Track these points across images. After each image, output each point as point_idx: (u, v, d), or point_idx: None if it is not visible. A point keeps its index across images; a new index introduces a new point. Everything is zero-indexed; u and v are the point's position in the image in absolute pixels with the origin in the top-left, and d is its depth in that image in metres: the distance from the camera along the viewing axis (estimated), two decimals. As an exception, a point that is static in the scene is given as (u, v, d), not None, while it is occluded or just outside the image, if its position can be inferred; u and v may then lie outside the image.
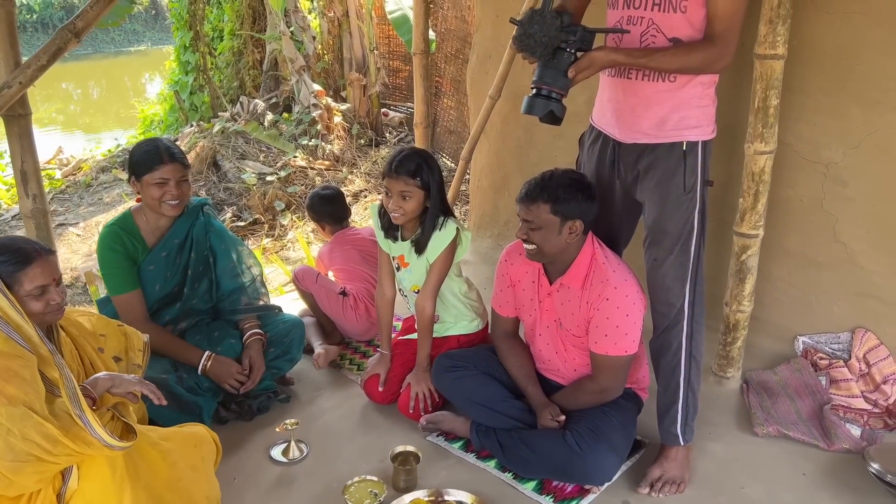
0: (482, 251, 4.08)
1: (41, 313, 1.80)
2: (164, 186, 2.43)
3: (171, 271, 2.58)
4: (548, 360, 2.37)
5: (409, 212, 2.47)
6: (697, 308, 2.18)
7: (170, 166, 2.42)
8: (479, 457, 2.37)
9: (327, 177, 6.05)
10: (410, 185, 2.42)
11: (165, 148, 2.46)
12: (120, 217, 2.55)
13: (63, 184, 6.22)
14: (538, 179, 2.11)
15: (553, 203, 2.07)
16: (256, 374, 2.57)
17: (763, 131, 2.42)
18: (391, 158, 2.46)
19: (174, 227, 2.56)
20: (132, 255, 2.51)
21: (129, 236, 2.50)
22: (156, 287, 2.57)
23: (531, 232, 2.12)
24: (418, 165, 2.41)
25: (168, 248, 2.56)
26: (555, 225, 2.09)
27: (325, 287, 3.07)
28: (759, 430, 2.46)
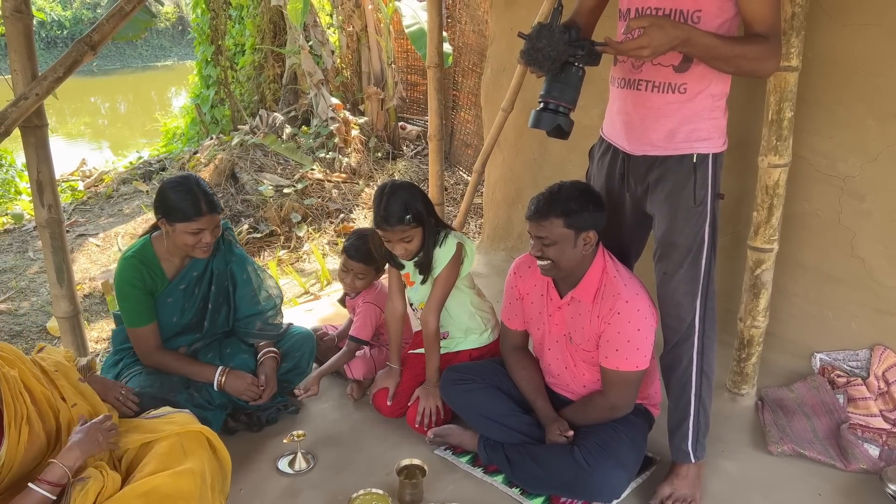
0: (495, 264, 4.07)
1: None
2: (198, 235, 2.38)
3: (188, 303, 2.55)
4: (557, 375, 2.34)
5: (416, 248, 2.49)
6: (708, 323, 2.15)
7: (208, 217, 2.36)
8: (486, 471, 2.35)
9: (344, 189, 6.08)
10: (407, 230, 2.42)
11: (204, 196, 2.37)
12: (139, 247, 2.48)
13: (85, 195, 6.31)
14: (546, 195, 2.09)
15: (566, 217, 2.05)
16: (268, 393, 2.56)
17: (777, 144, 2.39)
18: (377, 210, 2.42)
19: (193, 260, 2.51)
20: (150, 288, 2.46)
21: (148, 270, 2.45)
22: (173, 318, 2.54)
23: (545, 248, 2.09)
24: (405, 207, 2.39)
25: (187, 281, 2.52)
26: (570, 238, 2.07)
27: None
28: (773, 448, 2.41)
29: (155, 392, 2.34)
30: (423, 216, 2.44)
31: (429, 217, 2.47)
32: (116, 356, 2.60)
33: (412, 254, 2.51)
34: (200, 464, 1.94)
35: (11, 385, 1.78)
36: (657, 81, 1.99)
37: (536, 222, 2.08)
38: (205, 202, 2.37)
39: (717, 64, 1.88)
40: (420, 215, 2.43)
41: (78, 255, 5.03)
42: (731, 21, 1.91)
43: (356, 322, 2.88)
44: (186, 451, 1.94)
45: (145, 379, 2.42)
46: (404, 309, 2.74)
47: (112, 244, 5.23)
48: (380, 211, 2.42)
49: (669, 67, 1.95)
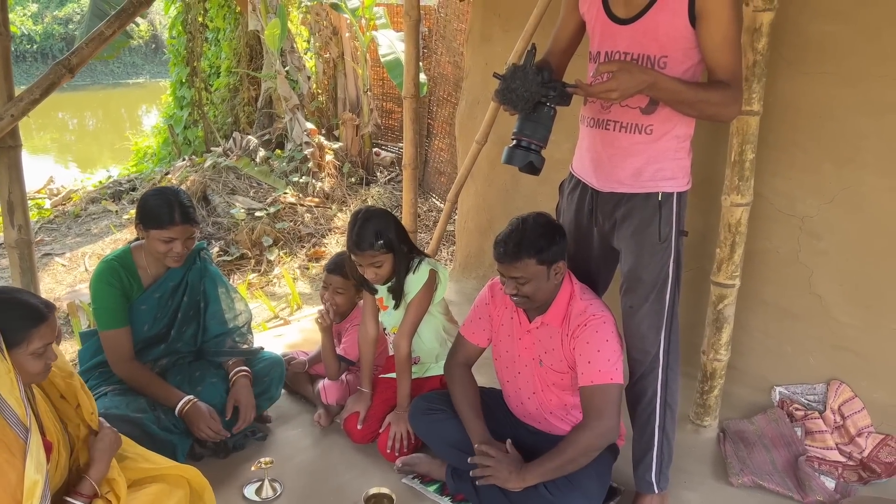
0: (467, 292, 4.11)
1: (37, 374, 1.71)
2: (170, 244, 2.43)
3: (161, 312, 2.58)
4: (524, 402, 2.37)
5: (386, 273, 2.54)
6: (672, 356, 2.21)
7: (180, 227, 2.42)
8: (454, 500, 2.36)
9: (316, 214, 6.10)
10: (377, 255, 2.48)
11: (179, 206, 2.42)
12: (119, 253, 2.54)
13: (52, 213, 6.23)
14: (514, 235, 2.10)
15: (538, 254, 2.09)
16: (248, 413, 2.56)
17: (739, 184, 2.48)
18: (350, 234, 2.50)
19: (171, 270, 2.57)
20: (127, 292, 2.50)
21: (126, 273, 2.49)
22: (144, 327, 2.56)
23: (521, 287, 2.13)
24: (376, 233, 2.46)
25: (162, 290, 2.56)
26: (543, 273, 2.12)
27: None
28: (734, 479, 2.47)
29: (121, 413, 2.32)
30: (394, 243, 2.49)
31: (400, 244, 2.52)
32: (84, 375, 2.58)
33: (383, 279, 2.56)
34: None
35: (43, 408, 1.79)
36: (625, 122, 2.07)
37: (509, 264, 2.11)
38: (179, 212, 2.42)
39: (681, 108, 1.96)
40: (391, 242, 2.48)
41: (43, 274, 4.96)
42: (695, 67, 2.00)
43: (345, 342, 2.90)
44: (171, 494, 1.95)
45: (111, 400, 2.41)
46: (377, 333, 2.76)
47: (79, 264, 5.16)
48: (352, 236, 2.48)
49: (637, 109, 2.03)
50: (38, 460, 1.61)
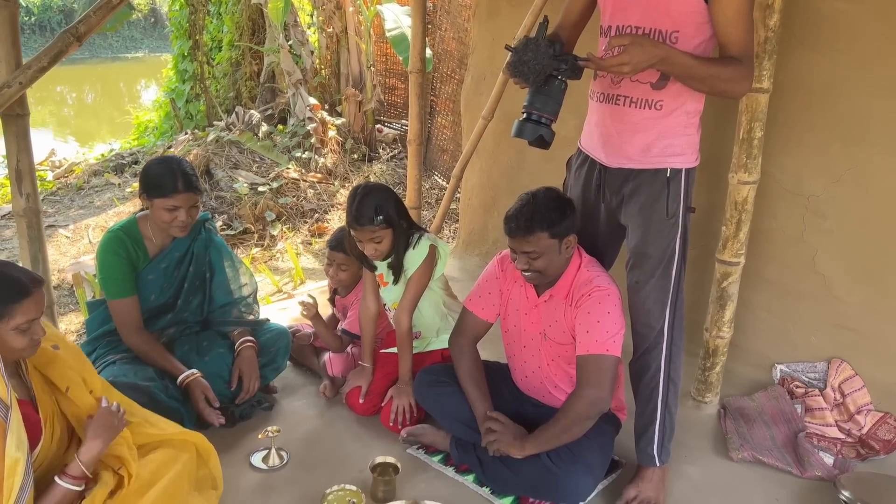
0: (469, 269, 4.12)
1: (21, 349, 1.68)
2: (174, 213, 2.43)
3: (168, 283, 2.60)
4: (528, 376, 2.39)
5: (386, 249, 2.55)
6: (677, 332, 2.23)
7: (184, 195, 2.42)
8: (457, 471, 2.39)
9: (319, 189, 6.09)
10: (377, 230, 2.48)
11: (182, 174, 2.43)
12: (125, 223, 2.55)
13: (54, 186, 6.22)
14: (525, 209, 2.12)
15: (550, 228, 2.10)
16: (251, 383, 2.59)
17: (747, 162, 2.49)
18: (349, 209, 2.50)
19: (176, 241, 2.58)
20: (133, 261, 2.51)
21: (132, 243, 2.51)
22: (151, 297, 2.58)
23: (533, 262, 2.14)
24: (376, 208, 2.46)
25: (168, 260, 2.58)
26: (554, 247, 2.13)
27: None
28: (734, 454, 2.50)
29: (129, 381, 2.34)
30: (393, 219, 2.49)
31: (399, 220, 2.53)
32: (90, 345, 2.60)
33: (382, 255, 2.57)
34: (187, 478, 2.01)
35: (37, 381, 1.79)
36: (635, 97, 2.07)
37: (521, 238, 2.11)
38: (182, 180, 2.42)
39: (692, 83, 1.96)
40: (390, 218, 2.48)
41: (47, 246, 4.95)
42: (707, 42, 1.99)
43: (350, 317, 2.92)
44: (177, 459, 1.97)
45: (119, 368, 2.43)
46: (377, 309, 2.78)
47: (83, 236, 5.17)
48: (351, 211, 2.48)
49: (647, 84, 2.03)
50: (18, 438, 1.61)
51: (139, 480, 1.86)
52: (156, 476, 1.90)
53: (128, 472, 1.84)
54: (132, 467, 1.85)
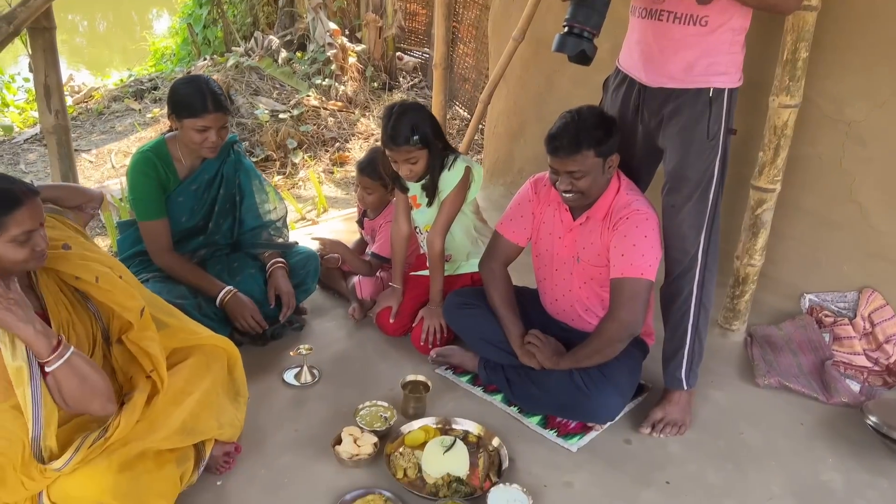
0: (493, 199, 4.09)
1: (22, 261, 1.64)
2: (204, 133, 2.40)
3: (198, 205, 2.60)
4: (558, 299, 2.40)
5: (421, 170, 2.51)
6: (711, 257, 2.21)
7: (213, 115, 2.39)
8: (486, 390, 2.43)
9: (339, 118, 6.02)
10: (413, 151, 2.44)
11: (211, 94, 2.39)
12: (154, 144, 2.54)
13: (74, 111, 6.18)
14: (571, 127, 2.06)
15: (597, 146, 2.06)
16: (291, 300, 2.62)
17: (790, 84, 2.41)
18: (385, 128, 2.46)
19: (206, 163, 2.56)
20: (164, 183, 2.51)
21: (162, 164, 2.50)
22: (182, 219, 2.59)
23: (576, 181, 2.10)
24: (413, 128, 2.41)
25: (198, 182, 2.57)
26: (599, 166, 2.09)
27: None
28: (760, 380, 2.52)
29: (164, 298, 2.35)
30: (429, 139, 2.45)
31: (435, 140, 2.49)
32: (124, 264, 2.62)
33: (417, 175, 2.54)
34: (219, 384, 2.03)
35: (51, 290, 1.79)
36: (679, 13, 2.00)
37: (567, 157, 2.07)
38: (211, 100, 2.39)
39: None
40: (427, 138, 2.44)
41: (71, 170, 4.98)
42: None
43: (379, 240, 2.93)
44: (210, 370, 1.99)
45: (152, 286, 2.45)
46: (409, 231, 2.78)
47: (105, 161, 5.17)
48: (387, 130, 2.44)
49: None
50: (14, 347, 1.61)
51: (173, 388, 1.89)
52: (190, 384, 1.92)
53: (159, 376, 1.87)
54: (163, 369, 1.87)
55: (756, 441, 2.27)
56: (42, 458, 1.61)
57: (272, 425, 2.24)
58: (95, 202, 2.11)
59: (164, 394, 1.87)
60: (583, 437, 2.23)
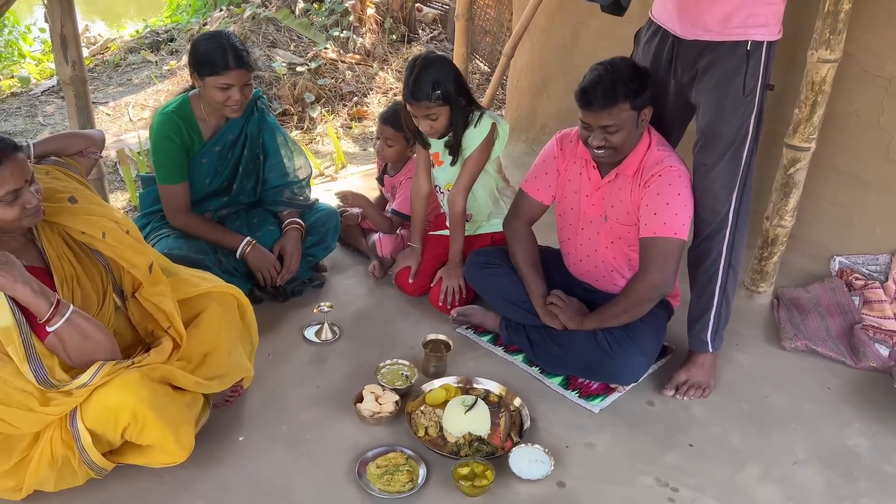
0: (515, 156, 4.02)
1: (14, 220, 1.62)
2: (227, 91, 2.33)
3: (222, 166, 2.56)
4: (583, 259, 2.35)
5: (442, 127, 2.45)
6: (742, 217, 2.15)
7: (236, 72, 2.31)
8: (507, 350, 2.41)
9: (357, 71, 5.91)
10: (433, 106, 2.37)
11: (233, 50, 2.31)
12: (178, 103, 2.47)
13: (91, 62, 6.11)
14: (604, 80, 1.97)
15: (633, 99, 1.98)
16: (292, 263, 2.58)
17: (830, 38, 2.30)
18: (405, 82, 2.38)
19: (229, 123, 2.50)
20: (187, 146, 2.46)
21: (186, 126, 2.44)
22: (206, 181, 2.55)
23: (610, 137, 2.02)
24: (434, 83, 2.33)
25: (222, 143, 2.52)
26: (633, 120, 2.02)
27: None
28: (786, 343, 2.47)
29: (183, 253, 2.35)
30: (451, 95, 2.38)
31: (458, 97, 2.41)
32: (144, 219, 2.61)
33: (438, 133, 2.47)
34: (235, 330, 2.03)
35: (55, 245, 1.77)
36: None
37: (602, 111, 1.98)
38: (233, 56, 2.31)
39: None
40: (448, 94, 2.37)
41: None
42: None
43: (399, 196, 2.89)
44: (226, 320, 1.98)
45: (174, 241, 2.44)
46: (429, 189, 2.72)
47: (123, 114, 5.12)
48: (408, 84, 2.37)
49: (733, -55, 1.85)
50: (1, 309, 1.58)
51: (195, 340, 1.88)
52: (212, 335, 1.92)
53: (177, 332, 1.86)
54: (180, 325, 1.86)
55: (781, 405, 2.24)
56: (48, 380, 1.61)
57: (293, 382, 2.24)
58: (97, 146, 2.07)
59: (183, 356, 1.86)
60: (605, 399, 2.20)
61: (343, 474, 1.90)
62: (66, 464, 1.69)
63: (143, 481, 1.82)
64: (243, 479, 1.87)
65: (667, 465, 1.99)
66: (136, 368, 1.70)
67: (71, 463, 1.69)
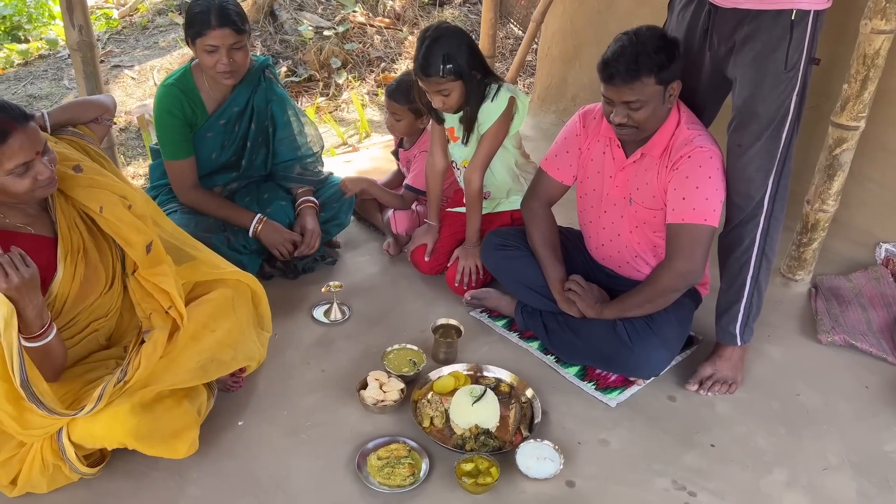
0: (544, 127, 3.86)
1: (26, 192, 1.57)
2: (214, 54, 2.21)
3: (228, 140, 2.46)
4: (605, 244, 2.21)
5: (455, 103, 2.31)
6: (778, 203, 1.99)
7: (219, 31, 2.18)
8: (522, 337, 2.30)
9: (386, 36, 5.75)
10: (443, 82, 2.24)
11: (218, 8, 2.18)
12: (180, 75, 2.36)
13: (119, 24, 6.06)
14: (628, 51, 1.81)
15: (658, 72, 1.82)
16: (314, 240, 2.50)
17: (886, 6, 2.09)
18: (416, 56, 2.25)
19: (234, 94, 2.39)
20: (190, 119, 2.36)
21: (188, 99, 2.34)
22: (212, 155, 2.46)
23: (633, 113, 1.86)
24: (444, 57, 2.20)
25: (227, 116, 2.41)
26: (658, 95, 1.85)
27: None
28: (823, 337, 2.32)
29: (191, 231, 2.27)
30: (464, 70, 2.24)
31: (472, 71, 2.27)
32: (154, 192, 2.55)
33: (452, 108, 2.35)
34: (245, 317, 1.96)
35: (68, 215, 1.71)
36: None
37: (625, 85, 1.82)
38: (216, 15, 2.17)
39: None
40: (461, 69, 2.23)
41: (113, 86, 4.90)
42: None
43: (413, 171, 2.77)
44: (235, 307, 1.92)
45: (181, 218, 2.37)
46: (445, 165, 2.60)
47: (148, 78, 5.06)
48: (418, 58, 2.24)
49: None
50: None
51: (196, 323, 1.82)
52: (213, 321, 1.85)
53: (178, 311, 1.79)
54: (181, 305, 1.79)
55: (814, 404, 2.09)
56: (40, 401, 1.55)
57: (298, 364, 2.17)
58: (109, 112, 1.99)
59: (185, 330, 1.80)
60: (623, 392, 2.09)
61: (343, 464, 1.82)
62: (57, 469, 1.67)
63: (137, 465, 1.77)
64: (240, 466, 1.82)
65: (685, 467, 1.87)
66: (127, 394, 1.64)
67: (62, 469, 1.67)
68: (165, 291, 1.79)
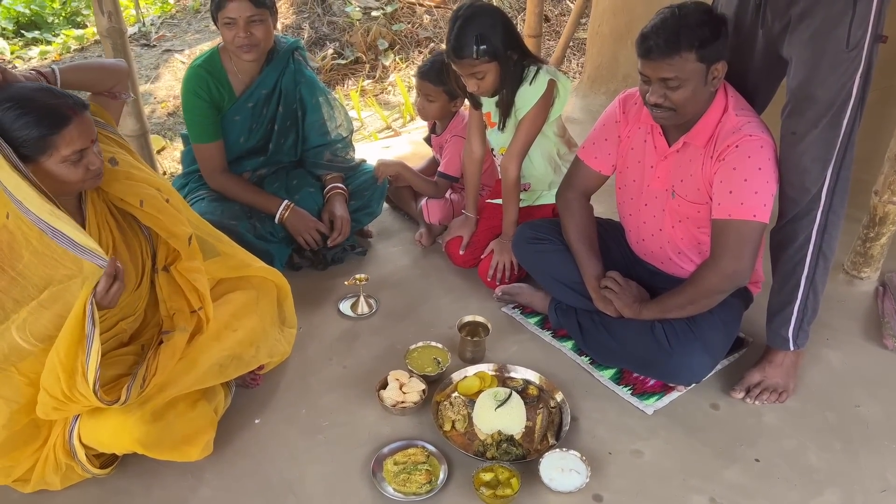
0: (593, 109, 3.68)
1: (80, 182, 1.55)
2: (232, 28, 2.16)
3: (256, 124, 2.42)
4: (647, 239, 2.06)
5: (490, 86, 2.19)
6: (838, 197, 1.80)
7: (236, 4, 2.13)
8: (555, 336, 2.19)
9: (436, 15, 5.62)
10: (477, 64, 2.11)
11: None
12: (207, 57, 2.33)
13: (173, 8, 6.13)
14: (669, 23, 1.67)
15: (699, 48, 1.66)
16: (345, 227, 2.44)
17: (970, -26, 1.86)
18: (447, 38, 2.13)
19: (262, 76, 2.34)
20: (217, 102, 2.32)
21: (215, 81, 2.30)
22: (240, 139, 2.42)
23: (671, 92, 1.71)
24: (478, 38, 2.07)
25: (255, 99, 2.37)
26: (700, 74, 1.69)
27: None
28: (889, 341, 2.12)
29: (216, 219, 2.24)
30: (498, 51, 2.11)
31: (507, 52, 2.14)
32: (184, 178, 2.54)
33: (487, 91, 2.23)
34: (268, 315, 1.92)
35: (99, 211, 1.69)
36: None
37: (662, 61, 1.68)
38: None
39: None
40: (495, 50, 2.10)
41: (164, 70, 4.95)
42: None
43: (445, 156, 2.67)
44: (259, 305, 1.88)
45: (207, 205, 2.35)
46: (483, 152, 2.48)
47: (197, 62, 5.11)
48: (450, 40, 2.12)
49: None
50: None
51: (218, 322, 1.78)
52: (236, 320, 1.82)
53: (206, 314, 1.76)
54: (210, 307, 1.76)
55: (875, 417, 1.91)
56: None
57: (320, 360, 2.11)
58: (124, 83, 1.88)
59: (208, 331, 1.76)
60: (661, 398, 1.95)
61: (358, 469, 1.75)
62: (70, 468, 1.66)
63: (150, 463, 1.74)
64: (253, 466, 1.77)
65: (725, 483, 1.73)
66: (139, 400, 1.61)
67: (74, 469, 1.66)
68: (197, 290, 1.76)
